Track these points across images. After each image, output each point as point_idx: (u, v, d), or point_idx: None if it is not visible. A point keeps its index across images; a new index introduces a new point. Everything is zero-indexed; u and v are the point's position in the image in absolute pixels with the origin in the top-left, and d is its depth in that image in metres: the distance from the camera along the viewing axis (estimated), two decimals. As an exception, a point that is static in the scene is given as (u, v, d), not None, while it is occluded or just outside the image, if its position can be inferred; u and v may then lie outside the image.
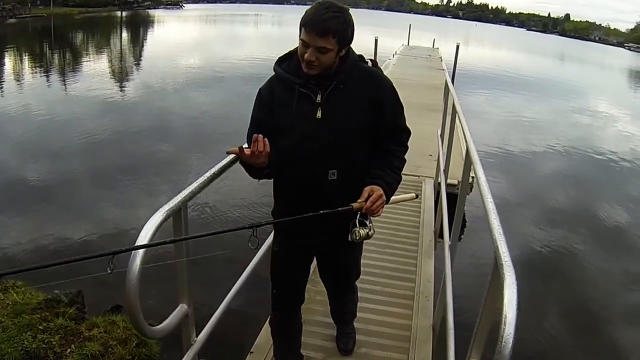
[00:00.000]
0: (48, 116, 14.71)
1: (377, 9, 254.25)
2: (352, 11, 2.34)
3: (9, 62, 28.08)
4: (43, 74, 23.37)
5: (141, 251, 1.92)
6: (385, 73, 2.70)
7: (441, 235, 4.27)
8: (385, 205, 2.45)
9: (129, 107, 16.66)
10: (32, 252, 7.08)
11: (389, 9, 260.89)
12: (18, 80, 21.49)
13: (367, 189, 2.37)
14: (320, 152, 2.41)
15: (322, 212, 2.23)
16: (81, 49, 36.46)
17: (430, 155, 8.41)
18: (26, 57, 30.16)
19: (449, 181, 6.05)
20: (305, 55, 2.27)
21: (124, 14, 79.04)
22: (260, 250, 3.47)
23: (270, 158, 2.34)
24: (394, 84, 2.56)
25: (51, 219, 8.21)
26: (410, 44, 35.54)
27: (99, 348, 4.33)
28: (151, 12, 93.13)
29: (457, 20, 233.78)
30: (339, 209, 2.27)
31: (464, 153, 8.13)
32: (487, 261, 6.78)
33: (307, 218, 2.23)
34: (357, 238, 2.38)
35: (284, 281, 2.89)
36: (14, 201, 8.82)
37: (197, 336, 2.67)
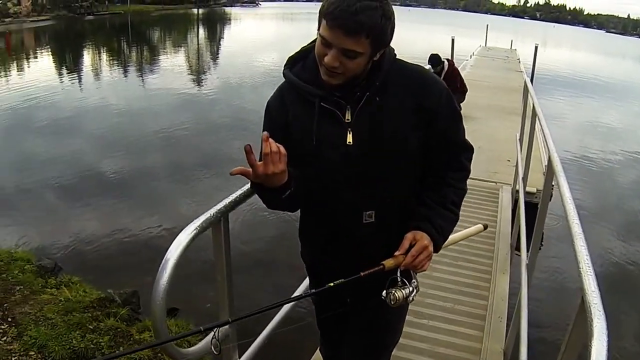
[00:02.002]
0: (126, 111, 15.17)
1: (454, 9, 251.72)
2: (428, 11, 1.93)
3: (87, 58, 29.19)
4: (121, 70, 24.16)
5: (168, 268, 1.77)
6: (462, 74, 2.33)
7: (518, 248, 3.95)
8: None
9: (206, 103, 16.96)
10: (104, 245, 7.20)
11: (466, 9, 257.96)
12: (97, 76, 22.27)
13: (408, 236, 1.82)
14: (352, 189, 1.84)
15: (338, 282, 1.68)
16: (158, 45, 37.58)
17: (509, 160, 8.05)
18: (104, 53, 31.26)
19: (527, 189, 5.74)
20: (326, 59, 1.65)
21: (200, 11, 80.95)
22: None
23: (292, 177, 1.75)
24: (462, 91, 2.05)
25: (126, 211, 8.39)
26: (487, 45, 34.80)
27: (148, 353, 4.22)
28: (227, 9, 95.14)
29: (534, 21, 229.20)
30: (361, 274, 1.69)
31: (543, 159, 7.73)
32: (569, 284, 6.37)
33: (325, 281, 1.72)
34: (393, 303, 1.78)
35: (323, 329, 2.45)
36: (93, 192, 9.12)
37: (239, 358, 2.47)
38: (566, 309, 5.35)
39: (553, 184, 2.83)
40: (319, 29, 1.65)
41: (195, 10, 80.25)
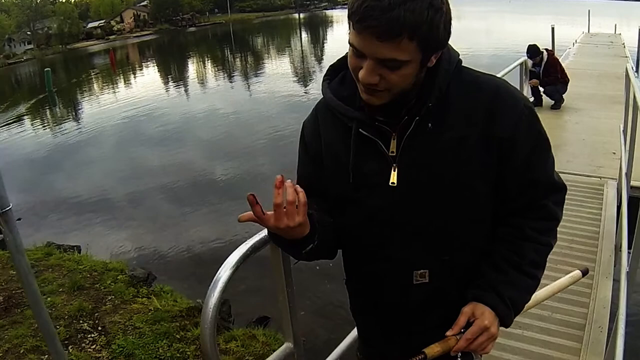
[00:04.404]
0: (233, 116, 15.64)
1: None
2: (530, 0, 1.39)
3: (192, 68, 30.44)
4: (226, 77, 25.01)
5: (218, 288, 1.68)
6: (564, 64, 1.91)
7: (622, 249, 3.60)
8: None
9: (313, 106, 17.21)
10: (201, 253, 7.41)
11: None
12: (202, 84, 23.18)
13: (465, 310, 1.40)
14: (399, 242, 1.42)
15: None
16: (262, 51, 38.58)
17: (614, 153, 7.49)
18: (209, 62, 32.44)
19: (632, 183, 5.36)
20: (361, 74, 1.24)
21: (301, 15, 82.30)
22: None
23: (316, 226, 1.39)
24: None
25: (232, 217, 8.49)
26: (590, 32, 33.18)
27: (201, 372, 4.28)
28: (328, 12, 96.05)
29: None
30: None
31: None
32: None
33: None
34: None
35: None
36: (197, 199, 9.51)
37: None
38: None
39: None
40: (349, 36, 1.26)
41: (296, 15, 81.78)
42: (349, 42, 1.25)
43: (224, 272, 1.73)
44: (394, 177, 1.37)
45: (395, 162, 1.36)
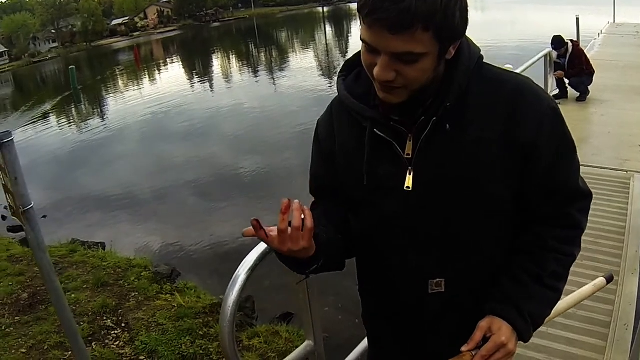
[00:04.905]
0: (258, 111, 15.76)
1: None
2: None
3: (217, 63, 30.62)
4: (251, 72, 25.13)
5: (237, 287, 1.76)
6: (589, 55, 1.80)
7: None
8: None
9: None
10: (225, 249, 7.39)
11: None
12: (227, 79, 23.32)
13: (482, 325, 1.31)
14: (414, 249, 1.35)
15: None
16: (286, 46, 38.70)
17: (640, 145, 7.33)
18: (233, 56, 32.65)
19: None
20: (376, 71, 1.17)
21: (325, 9, 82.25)
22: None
23: (322, 245, 1.30)
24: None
25: (258, 213, 8.50)
26: (615, 22, 32.71)
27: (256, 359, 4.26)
28: (352, 5, 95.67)
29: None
30: None
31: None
32: None
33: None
34: None
35: None
36: (223, 195, 9.53)
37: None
38: None
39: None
40: (360, 32, 1.20)
41: (320, 9, 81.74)
42: (361, 39, 1.18)
43: (243, 270, 1.78)
44: (409, 181, 1.29)
45: (410, 164, 1.28)
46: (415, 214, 1.30)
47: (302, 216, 1.16)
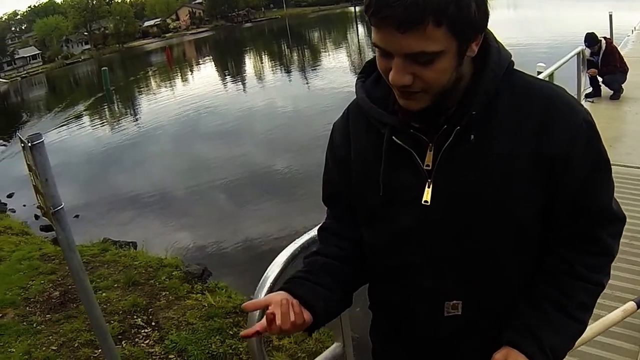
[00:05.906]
0: (292, 111, 15.78)
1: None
2: None
3: (249, 63, 30.81)
4: (284, 72, 25.23)
5: (266, 287, 1.72)
6: (623, 52, 1.65)
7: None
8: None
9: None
10: (258, 249, 7.43)
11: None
12: (260, 79, 23.45)
13: (497, 358, 1.20)
14: (430, 268, 1.24)
15: None
16: (318, 45, 38.75)
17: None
18: (266, 57, 32.80)
19: None
20: (391, 76, 1.08)
21: (357, 9, 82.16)
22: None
23: (319, 312, 1.25)
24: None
25: (291, 213, 8.51)
26: (650, 17, 31.97)
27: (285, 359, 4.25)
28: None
29: None
30: None
31: None
32: None
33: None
34: None
35: None
36: (255, 195, 9.54)
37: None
38: None
39: None
40: (372, 36, 1.11)
41: (352, 8, 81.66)
42: (372, 43, 1.09)
43: (272, 271, 1.74)
44: (427, 195, 1.18)
45: (430, 177, 1.18)
46: (432, 231, 1.20)
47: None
